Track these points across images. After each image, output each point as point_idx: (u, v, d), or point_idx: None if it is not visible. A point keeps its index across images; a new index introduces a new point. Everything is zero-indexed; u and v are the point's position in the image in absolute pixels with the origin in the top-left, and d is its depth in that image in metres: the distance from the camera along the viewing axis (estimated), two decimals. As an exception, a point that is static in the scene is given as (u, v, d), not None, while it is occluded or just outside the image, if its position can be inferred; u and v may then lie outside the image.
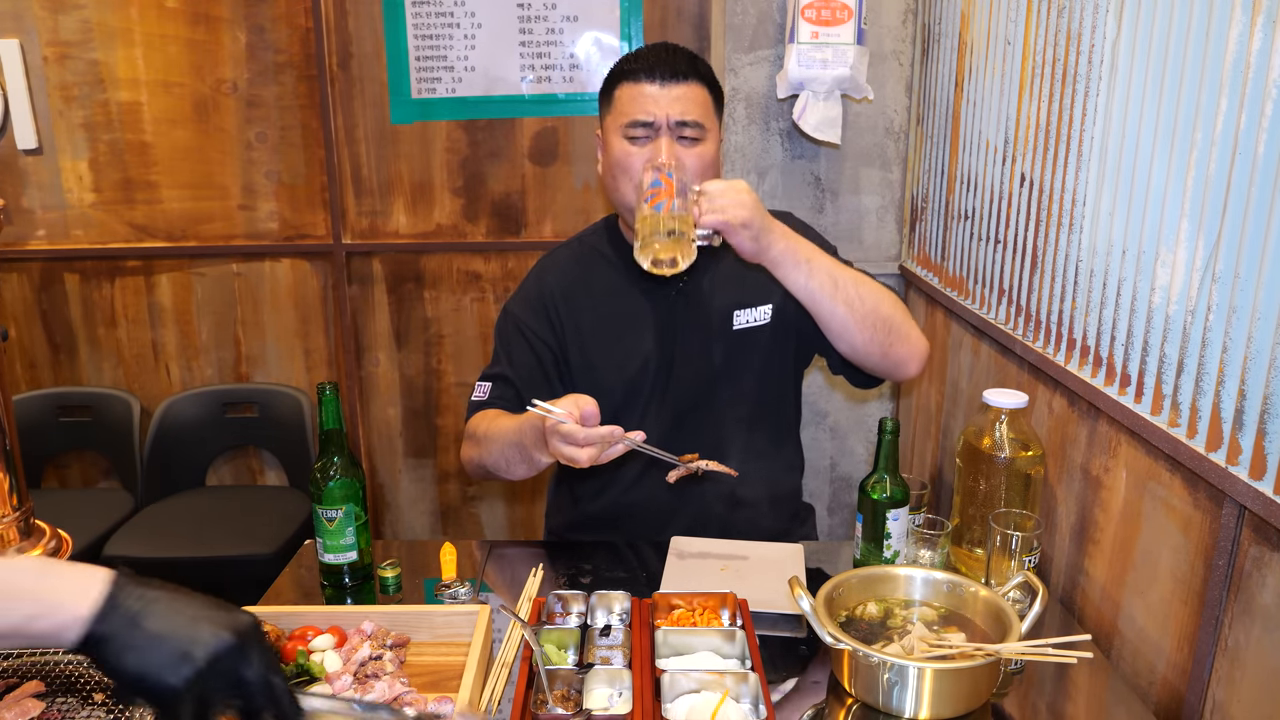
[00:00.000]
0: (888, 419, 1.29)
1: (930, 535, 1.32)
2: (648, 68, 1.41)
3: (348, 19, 2.46)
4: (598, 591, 1.23)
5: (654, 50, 1.43)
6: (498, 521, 2.86)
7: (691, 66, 1.42)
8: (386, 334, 2.69)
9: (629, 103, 1.41)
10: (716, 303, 1.51)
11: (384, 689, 1.02)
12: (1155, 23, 1.16)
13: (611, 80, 1.46)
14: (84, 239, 2.63)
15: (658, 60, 1.41)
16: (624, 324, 1.52)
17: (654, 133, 1.40)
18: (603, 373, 1.50)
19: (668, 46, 1.44)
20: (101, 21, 2.48)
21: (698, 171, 1.40)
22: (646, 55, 1.42)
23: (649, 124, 1.39)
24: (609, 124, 1.46)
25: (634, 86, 1.41)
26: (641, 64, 1.41)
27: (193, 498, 2.60)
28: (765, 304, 1.52)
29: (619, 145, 1.42)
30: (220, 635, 0.70)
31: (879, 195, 2.33)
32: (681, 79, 1.40)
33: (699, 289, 1.51)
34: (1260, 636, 0.98)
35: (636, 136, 1.40)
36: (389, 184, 2.58)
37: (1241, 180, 0.99)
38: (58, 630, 0.68)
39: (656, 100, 1.39)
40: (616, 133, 1.43)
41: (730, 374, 1.52)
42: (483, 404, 1.51)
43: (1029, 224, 1.54)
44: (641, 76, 1.41)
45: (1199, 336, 1.06)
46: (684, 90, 1.40)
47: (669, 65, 1.40)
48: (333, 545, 1.33)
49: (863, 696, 1.07)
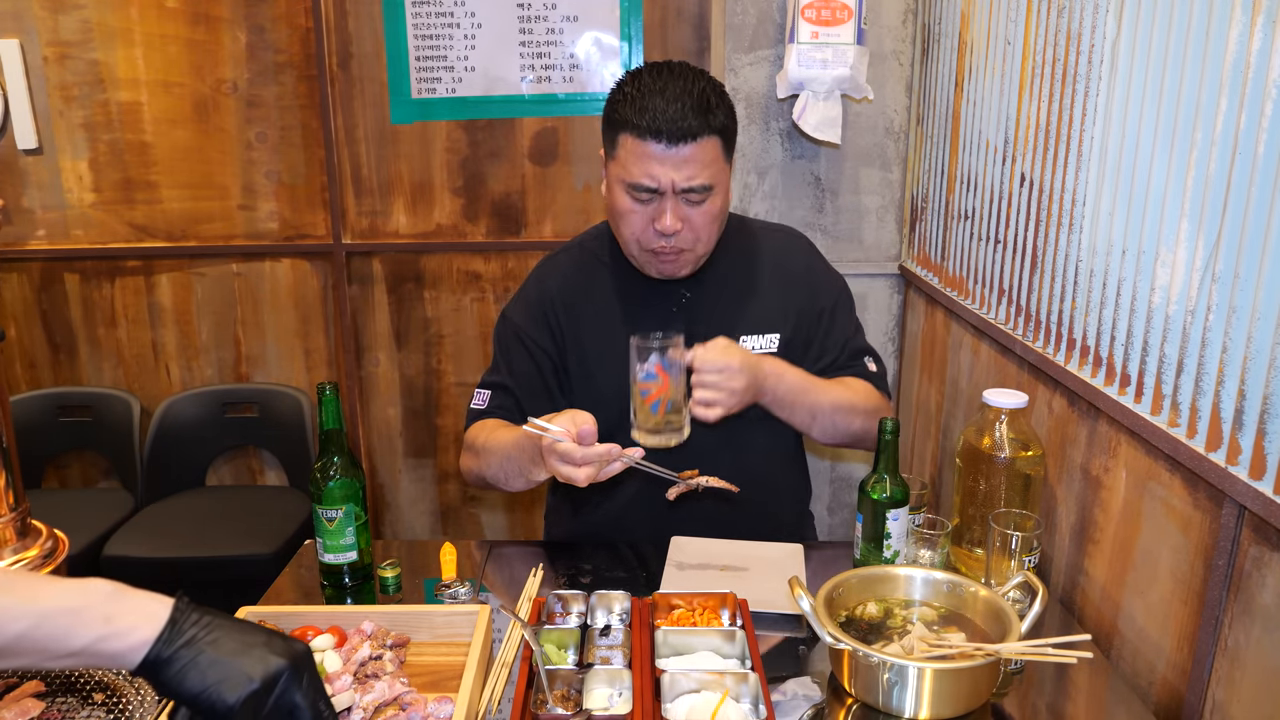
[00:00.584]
0: (888, 419, 1.29)
1: (930, 535, 1.32)
2: (654, 127, 1.30)
3: (348, 19, 2.46)
4: (598, 591, 1.23)
5: (662, 102, 1.30)
6: (498, 521, 2.86)
7: (703, 120, 1.31)
8: (386, 334, 2.69)
9: (632, 161, 1.33)
10: (721, 322, 1.47)
11: (384, 689, 1.02)
12: (1155, 23, 1.16)
13: (615, 124, 1.36)
14: (84, 239, 2.63)
15: (665, 119, 1.29)
16: (624, 335, 1.48)
17: (659, 197, 1.34)
18: (601, 383, 1.48)
19: (678, 96, 1.31)
20: (101, 21, 2.48)
21: (704, 226, 1.37)
22: (653, 110, 1.30)
23: (654, 189, 1.33)
24: (612, 170, 1.39)
25: (639, 144, 1.32)
26: (648, 120, 1.30)
27: (193, 498, 2.60)
28: (773, 333, 1.50)
29: (622, 199, 1.37)
30: (276, 660, 0.74)
31: (879, 195, 2.33)
32: (690, 139, 1.30)
33: (702, 305, 1.49)
34: (1260, 636, 0.98)
35: (640, 198, 1.35)
36: (389, 184, 2.58)
37: (1241, 180, 0.99)
38: (125, 652, 0.72)
39: (662, 163, 1.31)
40: (620, 184, 1.36)
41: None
42: (482, 413, 1.50)
43: (1029, 224, 1.54)
44: (648, 136, 1.31)
45: (1199, 336, 1.06)
46: (692, 152, 1.31)
47: (677, 125, 1.29)
48: (333, 545, 1.33)
49: (863, 696, 1.07)
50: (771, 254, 1.55)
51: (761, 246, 1.56)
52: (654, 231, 1.36)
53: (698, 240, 1.39)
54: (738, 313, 1.50)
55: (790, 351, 1.49)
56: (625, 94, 1.35)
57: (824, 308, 1.53)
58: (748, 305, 1.50)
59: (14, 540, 0.74)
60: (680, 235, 1.37)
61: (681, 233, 1.36)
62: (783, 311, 1.51)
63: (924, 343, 2.19)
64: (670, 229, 1.34)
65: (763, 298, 1.51)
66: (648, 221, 1.36)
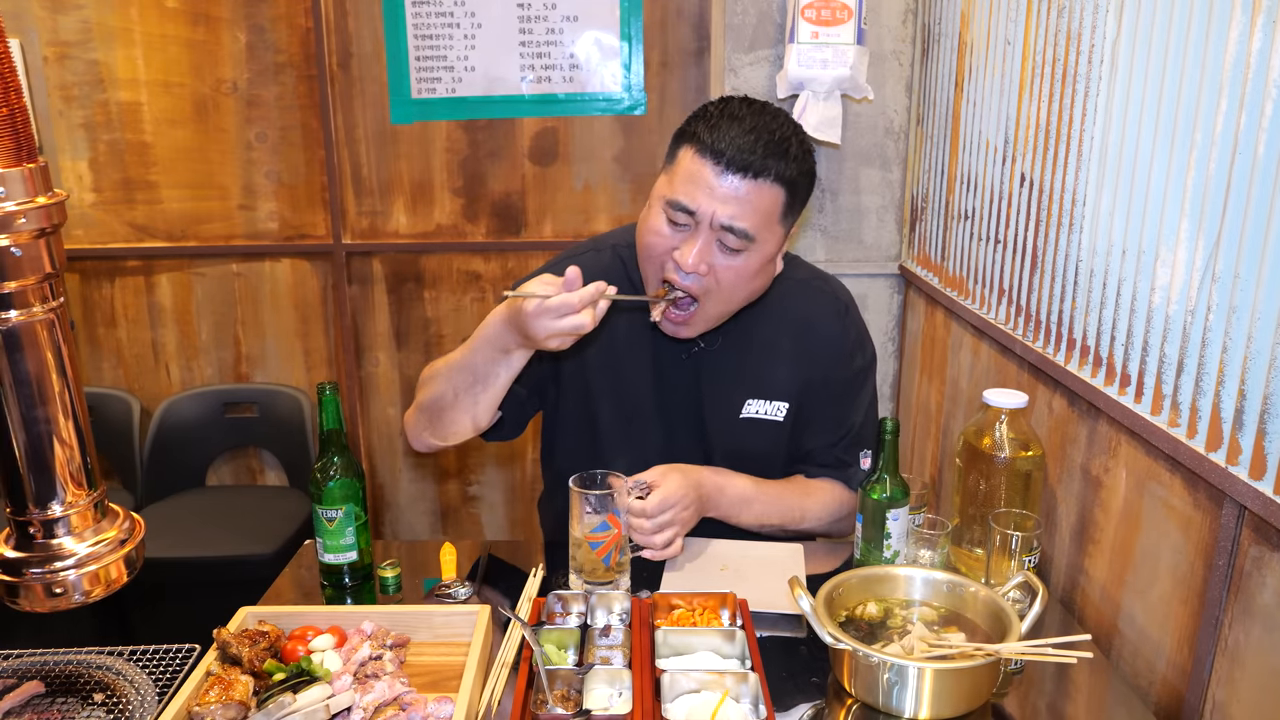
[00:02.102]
0: (888, 419, 1.28)
1: (930, 535, 1.32)
2: (717, 148, 1.18)
3: (348, 19, 2.47)
4: (598, 591, 1.23)
5: (738, 129, 1.19)
6: (498, 521, 2.86)
7: (770, 161, 1.18)
8: (386, 334, 2.69)
9: (684, 175, 1.21)
10: (728, 385, 1.42)
11: (384, 689, 1.02)
12: (1155, 23, 1.16)
13: (683, 136, 1.25)
14: (84, 239, 2.63)
15: (731, 143, 1.18)
16: (629, 364, 1.43)
17: (695, 223, 1.22)
18: (597, 403, 1.45)
19: (756, 129, 1.19)
20: (101, 21, 2.48)
21: (729, 283, 1.24)
22: (725, 131, 1.19)
23: (692, 213, 1.21)
24: (662, 181, 1.26)
25: (696, 160, 1.20)
26: (714, 139, 1.19)
27: (193, 498, 2.60)
28: (782, 400, 1.43)
29: (656, 215, 1.25)
30: None
31: (879, 195, 2.33)
32: (750, 175, 1.18)
33: (715, 362, 1.41)
34: (1260, 636, 0.98)
35: (676, 220, 1.23)
36: (389, 184, 2.58)
37: (1241, 180, 0.99)
38: None
39: (711, 189, 1.19)
40: (660, 200, 1.24)
41: (732, 452, 1.46)
42: None
43: (1029, 224, 1.54)
44: (708, 155, 1.19)
45: (1199, 336, 1.06)
46: (748, 190, 1.19)
47: (742, 154, 1.18)
48: (333, 545, 1.33)
49: (863, 696, 1.07)
50: (803, 317, 1.43)
51: (795, 307, 1.43)
52: (672, 263, 1.24)
53: (717, 296, 1.26)
54: (749, 376, 1.42)
55: (797, 420, 1.45)
56: (707, 111, 1.24)
57: (834, 381, 1.45)
58: (762, 369, 1.42)
59: (93, 522, 0.75)
60: (699, 279, 1.23)
61: (705, 278, 1.23)
62: (797, 381, 1.43)
63: (924, 343, 2.19)
64: (689, 266, 1.21)
65: (780, 363, 1.42)
66: (669, 250, 1.24)
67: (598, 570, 1.26)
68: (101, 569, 0.73)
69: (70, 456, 0.73)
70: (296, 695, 0.98)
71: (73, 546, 0.73)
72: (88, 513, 0.74)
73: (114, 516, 0.77)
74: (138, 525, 0.79)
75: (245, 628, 1.10)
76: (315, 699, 0.98)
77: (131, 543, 0.77)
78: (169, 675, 1.10)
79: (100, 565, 0.73)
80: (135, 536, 0.77)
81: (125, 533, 0.76)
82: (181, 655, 1.14)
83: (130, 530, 0.77)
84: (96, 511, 0.75)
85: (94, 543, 0.74)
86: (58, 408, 0.72)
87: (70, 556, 0.73)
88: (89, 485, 0.74)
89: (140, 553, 0.78)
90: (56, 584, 0.72)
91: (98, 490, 0.76)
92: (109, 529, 0.76)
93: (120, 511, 0.78)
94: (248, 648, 1.04)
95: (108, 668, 1.11)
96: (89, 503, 0.74)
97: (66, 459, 0.73)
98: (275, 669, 1.04)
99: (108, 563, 0.74)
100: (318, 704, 0.97)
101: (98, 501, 0.75)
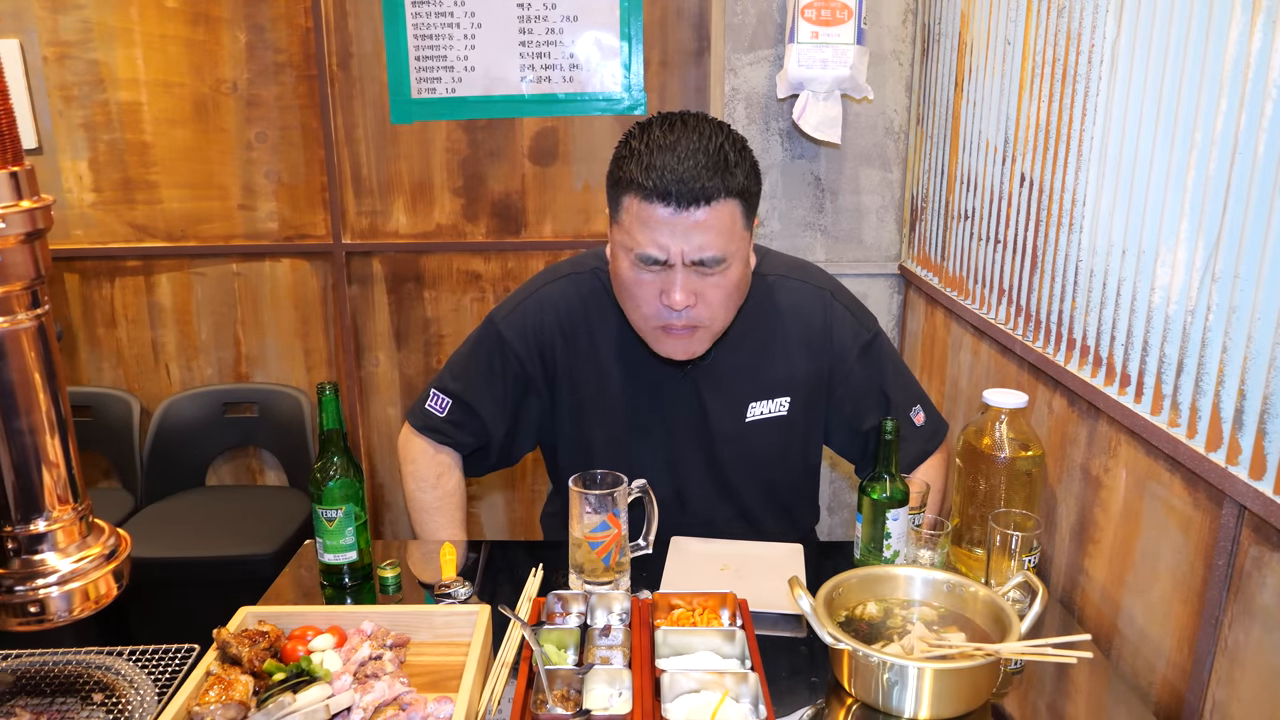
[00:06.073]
0: (888, 419, 1.28)
1: (930, 535, 1.32)
2: (662, 189, 1.14)
3: (348, 19, 2.47)
4: (598, 591, 1.23)
5: (673, 159, 1.14)
6: (498, 521, 2.86)
7: (718, 181, 1.15)
8: (386, 334, 2.69)
9: (638, 228, 1.18)
10: (731, 391, 1.42)
11: (384, 689, 1.02)
12: (1155, 23, 1.16)
13: (619, 184, 1.20)
14: (84, 239, 2.63)
15: (675, 179, 1.13)
16: (623, 393, 1.42)
17: (667, 268, 1.19)
18: (592, 418, 1.45)
19: (691, 153, 1.14)
20: (101, 21, 2.48)
21: (719, 302, 1.24)
22: (661, 168, 1.14)
23: (661, 261, 1.18)
24: (616, 236, 1.24)
25: (645, 208, 1.16)
26: (655, 180, 1.14)
27: (193, 498, 2.60)
28: (783, 396, 1.44)
29: (627, 270, 1.22)
30: None
31: (879, 195, 2.33)
32: (703, 203, 1.15)
33: (713, 371, 1.41)
34: (1260, 636, 0.98)
35: (649, 269, 1.21)
36: (389, 184, 2.58)
37: (1241, 180, 0.99)
38: None
39: (672, 230, 1.15)
40: (625, 253, 1.22)
41: (742, 456, 1.46)
42: (437, 422, 1.46)
43: (1029, 224, 1.54)
44: (655, 199, 1.15)
45: (1199, 336, 1.06)
46: (706, 217, 1.15)
47: (689, 186, 1.13)
48: (333, 545, 1.33)
49: (863, 696, 1.07)
50: (790, 312, 1.43)
51: (779, 304, 1.43)
52: (663, 306, 1.22)
53: (713, 318, 1.25)
54: (749, 379, 1.42)
55: (803, 412, 1.46)
56: (632, 149, 1.18)
57: (851, 373, 1.45)
58: (760, 370, 1.42)
59: (78, 538, 0.73)
60: (693, 311, 1.22)
61: (695, 308, 1.22)
62: (796, 375, 1.44)
63: (924, 343, 2.19)
64: (680, 305, 1.19)
65: (776, 361, 1.42)
66: (656, 294, 1.22)
67: (598, 570, 1.26)
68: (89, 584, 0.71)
69: (54, 470, 0.70)
70: (296, 695, 0.98)
71: (56, 563, 0.70)
72: (72, 528, 0.71)
73: (99, 532, 0.75)
74: (124, 542, 0.76)
75: (245, 628, 1.10)
76: (315, 699, 0.98)
77: (116, 559, 0.74)
78: (169, 675, 1.10)
79: (85, 582, 0.71)
80: (120, 553, 0.75)
81: (110, 549, 0.74)
82: (181, 655, 1.14)
83: (115, 546, 0.75)
84: (82, 525, 0.73)
85: (76, 559, 0.71)
86: (42, 419, 0.68)
87: (53, 573, 0.70)
88: (74, 499, 0.72)
89: (126, 569, 0.76)
90: (32, 603, 0.69)
91: (83, 504, 0.73)
92: (93, 545, 0.73)
93: (105, 527, 0.76)
94: (248, 648, 1.04)
95: (107, 668, 1.10)
96: (74, 518, 0.72)
97: (50, 473, 0.70)
98: (275, 669, 1.03)
99: (92, 579, 0.71)
100: (318, 704, 0.97)
101: (83, 515, 0.73)
